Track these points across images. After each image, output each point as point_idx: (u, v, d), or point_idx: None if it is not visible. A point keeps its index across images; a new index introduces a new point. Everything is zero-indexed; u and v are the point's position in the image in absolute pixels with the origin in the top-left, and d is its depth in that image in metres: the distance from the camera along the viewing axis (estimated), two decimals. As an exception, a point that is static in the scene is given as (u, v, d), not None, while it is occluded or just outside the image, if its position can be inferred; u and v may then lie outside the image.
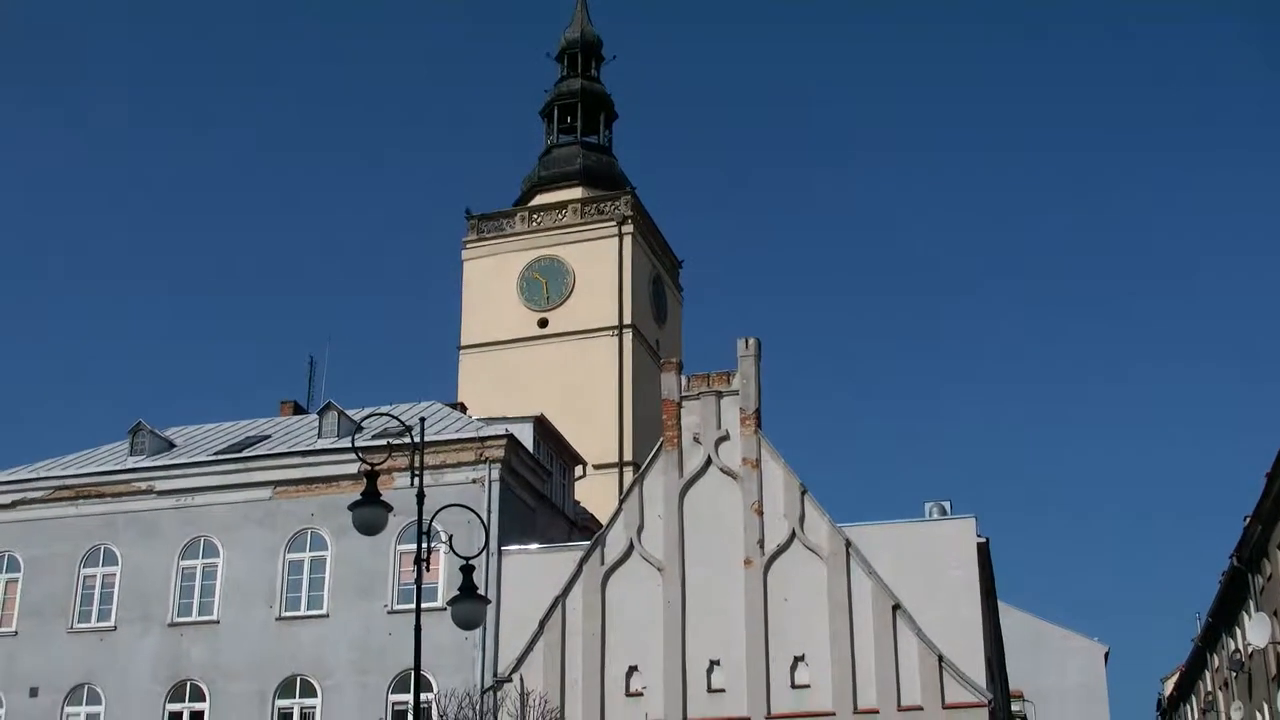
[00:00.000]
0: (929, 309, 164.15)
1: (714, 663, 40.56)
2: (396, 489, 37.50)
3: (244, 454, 47.15)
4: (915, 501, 75.96)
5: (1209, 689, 62.61)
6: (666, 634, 40.94)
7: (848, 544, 40.78)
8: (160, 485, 47.21)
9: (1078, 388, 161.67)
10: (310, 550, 44.81)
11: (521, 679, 39.72)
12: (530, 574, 42.51)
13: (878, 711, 39.46)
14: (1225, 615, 56.41)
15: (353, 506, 21.68)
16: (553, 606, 41.82)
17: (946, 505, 46.79)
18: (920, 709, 39.26)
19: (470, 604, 22.04)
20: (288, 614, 44.36)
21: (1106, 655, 70.93)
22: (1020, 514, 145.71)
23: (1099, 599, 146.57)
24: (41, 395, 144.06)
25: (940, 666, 39.35)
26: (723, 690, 40.35)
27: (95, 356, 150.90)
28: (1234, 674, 55.36)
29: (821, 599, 40.48)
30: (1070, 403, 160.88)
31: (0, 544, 48.47)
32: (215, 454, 47.80)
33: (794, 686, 40.06)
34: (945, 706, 39.18)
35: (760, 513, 41.46)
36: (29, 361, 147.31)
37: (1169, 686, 77.43)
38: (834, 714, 39.60)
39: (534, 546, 43.60)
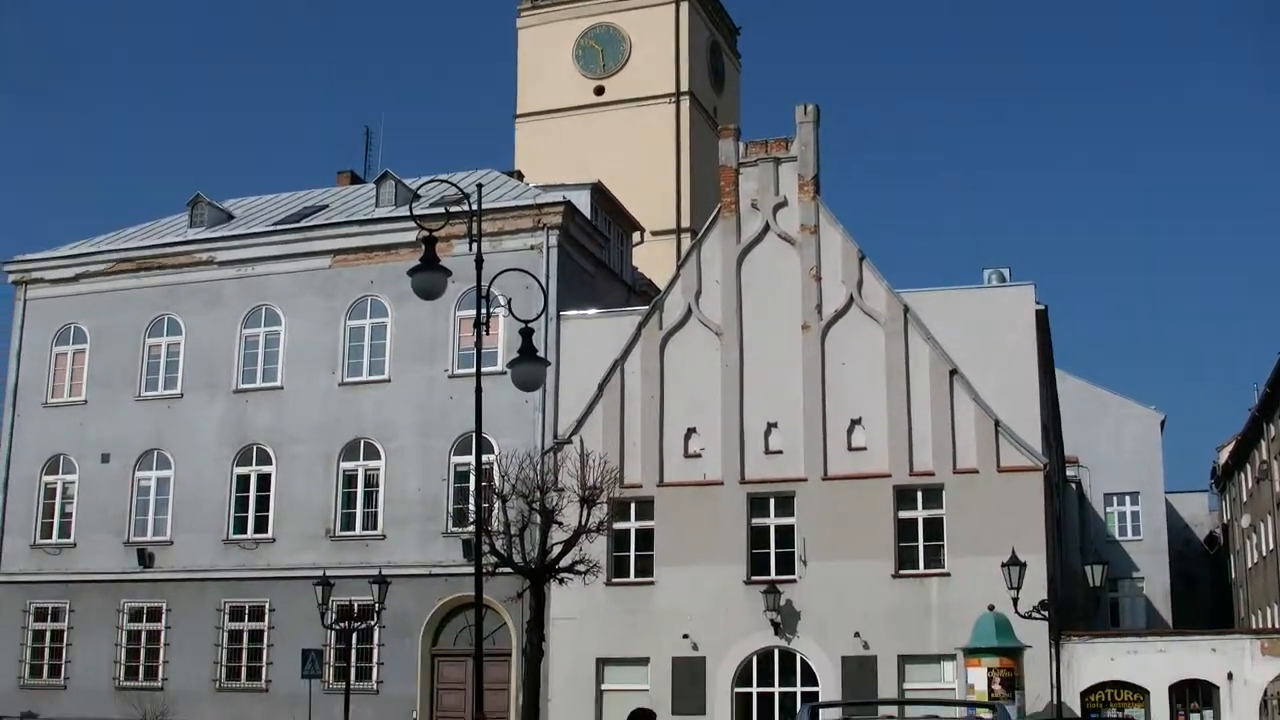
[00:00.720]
0: (990, 77, 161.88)
1: (771, 425, 40.97)
2: (455, 256, 37.56)
3: (303, 223, 47.38)
4: (974, 269, 75.74)
5: (1264, 458, 62.61)
6: (724, 397, 41.32)
7: (905, 310, 40.80)
8: (221, 256, 47.59)
9: (1142, 156, 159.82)
10: (370, 317, 45.23)
11: (581, 440, 40.25)
12: (588, 339, 42.86)
13: (933, 474, 39.87)
14: (1286, 386, 56.25)
15: (412, 272, 21.59)
16: (611, 370, 42.22)
17: (1005, 272, 46.58)
18: (975, 472, 39.63)
19: (530, 365, 22.12)
20: (350, 379, 45.01)
21: (1162, 423, 70.86)
22: (1080, 282, 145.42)
23: (1157, 368, 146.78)
24: (101, 170, 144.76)
25: (996, 431, 39.59)
26: (780, 452, 40.82)
27: (153, 130, 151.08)
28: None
29: (879, 363, 40.66)
30: (1132, 172, 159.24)
31: (66, 316, 49.24)
32: (274, 224, 48.07)
33: (850, 449, 40.46)
34: (1000, 470, 39.51)
35: (818, 278, 41.46)
36: (89, 138, 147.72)
37: (1224, 455, 77.51)
38: (889, 476, 40.04)
39: (592, 311, 43.85)
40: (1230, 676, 39.46)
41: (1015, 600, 35.26)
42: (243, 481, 45.61)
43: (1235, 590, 75.42)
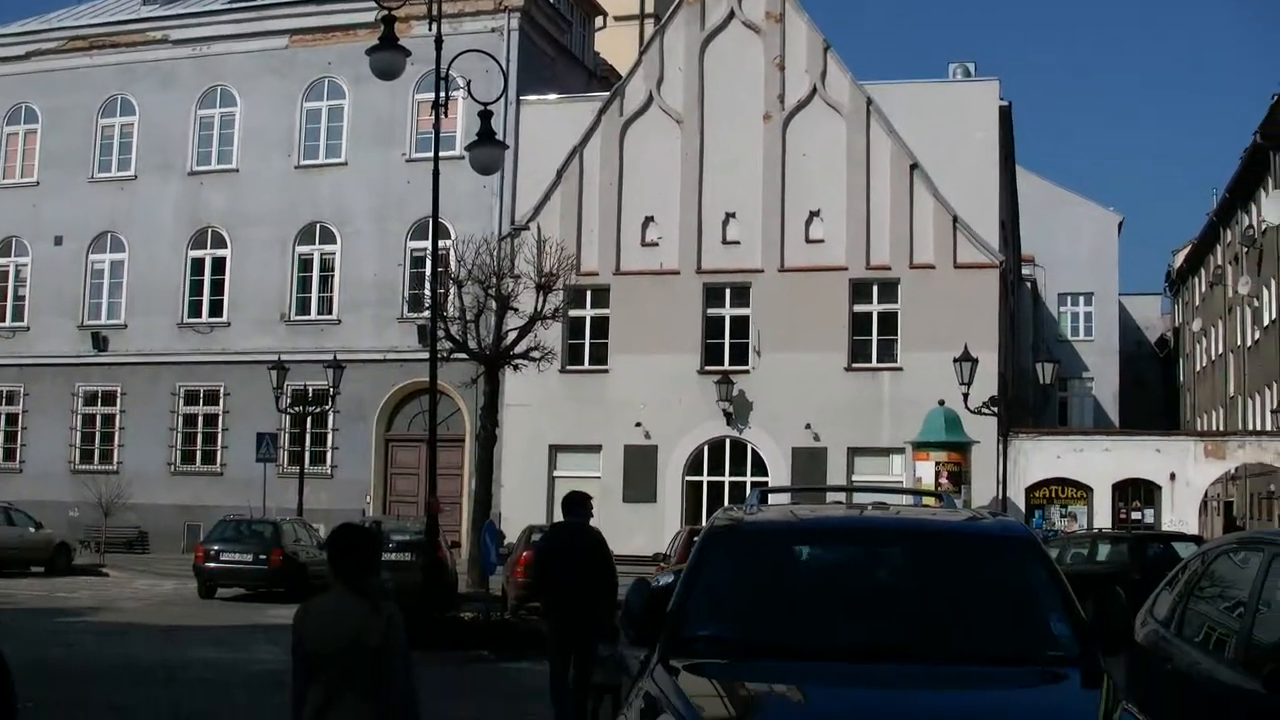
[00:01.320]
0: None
1: (729, 215, 40.83)
2: (414, 37, 36.73)
3: (259, 1, 46.39)
4: (940, 64, 75.13)
5: (1219, 263, 62.88)
6: (684, 186, 41.10)
7: (869, 101, 40.49)
8: (175, 34, 46.70)
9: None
10: (328, 99, 44.66)
11: (539, 226, 40.00)
12: (548, 124, 42.43)
13: (890, 268, 39.92)
14: (1243, 191, 56.21)
15: (370, 52, 21.40)
16: (570, 156, 41.90)
17: (971, 67, 46.32)
18: (932, 267, 39.71)
19: (488, 148, 21.92)
20: (306, 162, 44.56)
21: (1120, 225, 71.05)
22: (1044, 81, 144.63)
23: (1117, 169, 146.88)
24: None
25: (954, 227, 39.60)
26: (737, 242, 40.76)
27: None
28: (1245, 249, 55.53)
29: (839, 155, 40.43)
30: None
31: (17, 95, 48.42)
32: (230, 2, 47.04)
33: (808, 241, 40.43)
34: (957, 266, 39.61)
35: (781, 68, 41.03)
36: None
37: (1179, 258, 77.88)
38: (846, 269, 40.09)
39: (553, 96, 43.36)
40: (1173, 477, 40.02)
41: (966, 396, 35.55)
42: (197, 265, 45.36)
43: (1183, 393, 76.34)
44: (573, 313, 39.96)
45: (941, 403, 36.18)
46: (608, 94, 42.86)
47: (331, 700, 6.69)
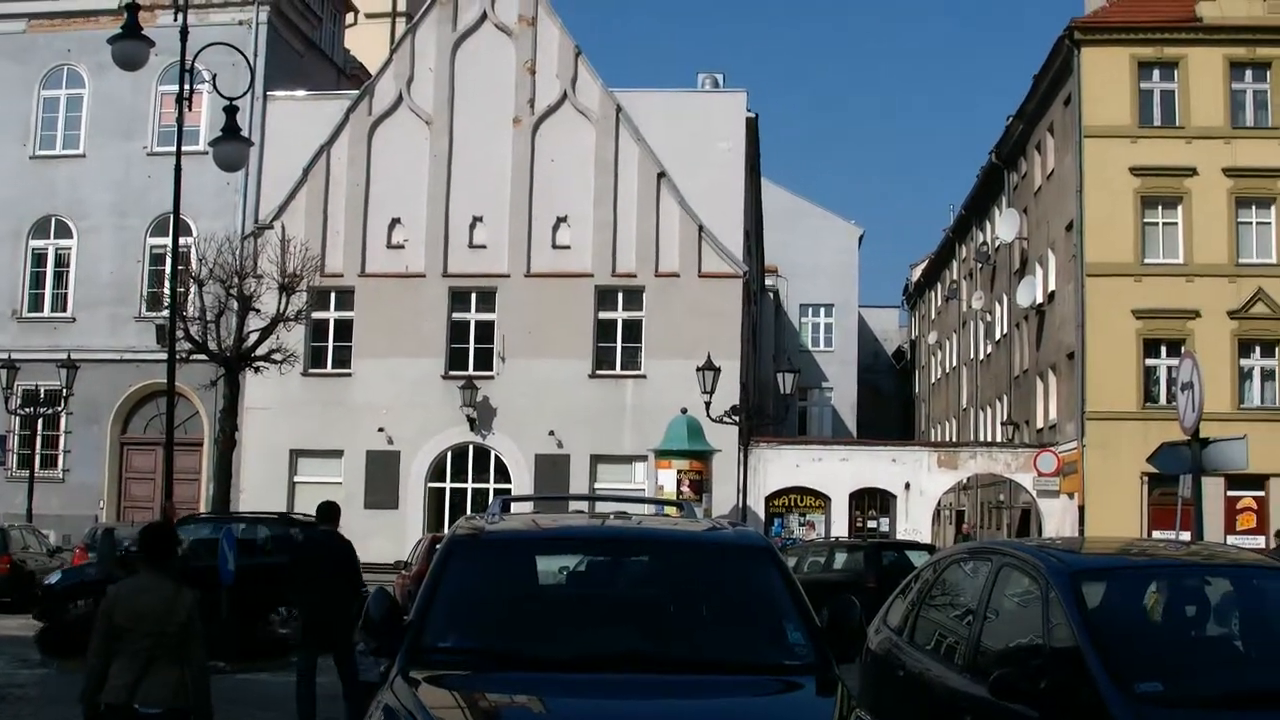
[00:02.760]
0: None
1: (477, 219, 40.68)
2: (159, 27, 35.85)
3: (-5, -18, 44.74)
4: (689, 74, 75.88)
5: (954, 277, 64.68)
6: (431, 188, 40.80)
7: (618, 109, 40.74)
8: (-97, 12, 44.73)
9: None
10: (67, 87, 43.19)
11: (283, 226, 39.35)
12: (296, 121, 41.71)
13: (635, 276, 40.22)
14: (978, 209, 57.99)
15: (112, 40, 20.82)
16: (317, 155, 41.29)
17: (719, 78, 46.78)
18: (677, 276, 40.12)
19: (233, 144, 21.47)
20: (42, 152, 43.02)
21: (861, 238, 72.59)
22: (792, 95, 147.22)
23: (859, 183, 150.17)
24: None
25: (700, 236, 40.04)
26: (484, 246, 40.62)
27: None
28: (979, 265, 57.25)
29: (588, 162, 40.61)
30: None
31: None
32: (-37, -19, 45.28)
33: (555, 247, 40.49)
34: (701, 275, 40.08)
35: (533, 72, 41.04)
36: None
37: (917, 272, 79.90)
38: (592, 275, 40.26)
39: (301, 93, 42.65)
40: (908, 486, 41.07)
41: (708, 404, 35.93)
42: (-78, 255, 43.50)
43: (918, 404, 78.40)
44: (316, 315, 39.41)
45: (684, 411, 36.51)
46: (357, 92, 42.36)
47: (146, 669, 7.80)
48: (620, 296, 40.47)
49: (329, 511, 14.98)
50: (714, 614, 7.43)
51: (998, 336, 53.94)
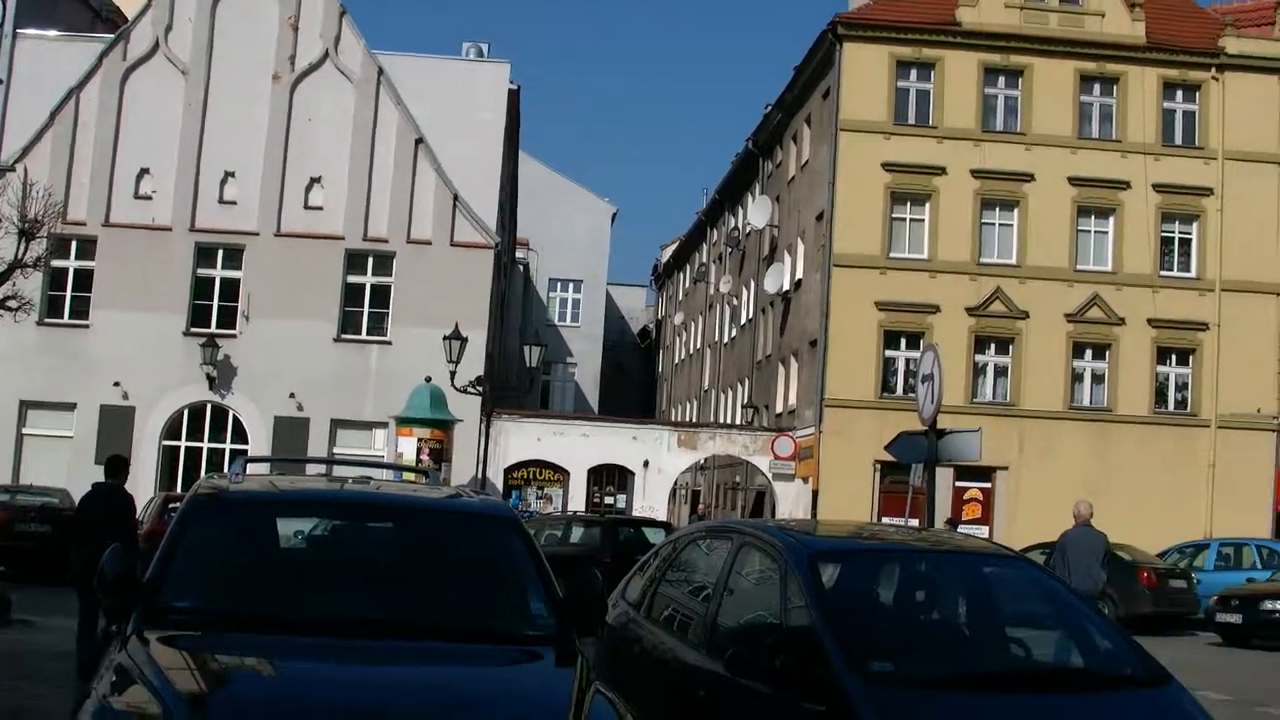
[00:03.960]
0: None
1: (229, 175, 39.81)
2: (-101, -49, 34.48)
3: None
4: (455, 41, 75.36)
5: (704, 260, 65.42)
6: (183, 140, 39.77)
7: (380, 71, 40.32)
8: None
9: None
10: None
11: (26, 169, 38.00)
12: (46, 62, 40.10)
13: (387, 241, 39.90)
14: (732, 194, 58.72)
15: None
16: (66, 98, 39.89)
17: (484, 48, 46.58)
18: (429, 243, 39.93)
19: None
20: None
21: (614, 216, 72.93)
22: (556, 71, 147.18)
23: (618, 164, 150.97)
24: None
25: (454, 205, 39.89)
26: (234, 203, 39.79)
27: None
28: (729, 249, 58.00)
29: (346, 123, 40.10)
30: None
31: None
32: None
33: (307, 207, 39.91)
34: (453, 244, 39.97)
35: (295, 28, 40.30)
36: None
37: (667, 253, 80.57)
38: (343, 238, 39.82)
39: (52, 33, 41.10)
40: (646, 464, 41.49)
41: (453, 374, 35.83)
42: None
43: (661, 384, 79.13)
44: (55, 263, 38.12)
45: (428, 379, 36.38)
46: (112, 36, 41.10)
47: None
48: (370, 261, 40.10)
49: (116, 465, 15.32)
50: (456, 582, 7.39)
51: (743, 321, 54.73)
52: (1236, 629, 26.38)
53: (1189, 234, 42.13)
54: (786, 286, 46.10)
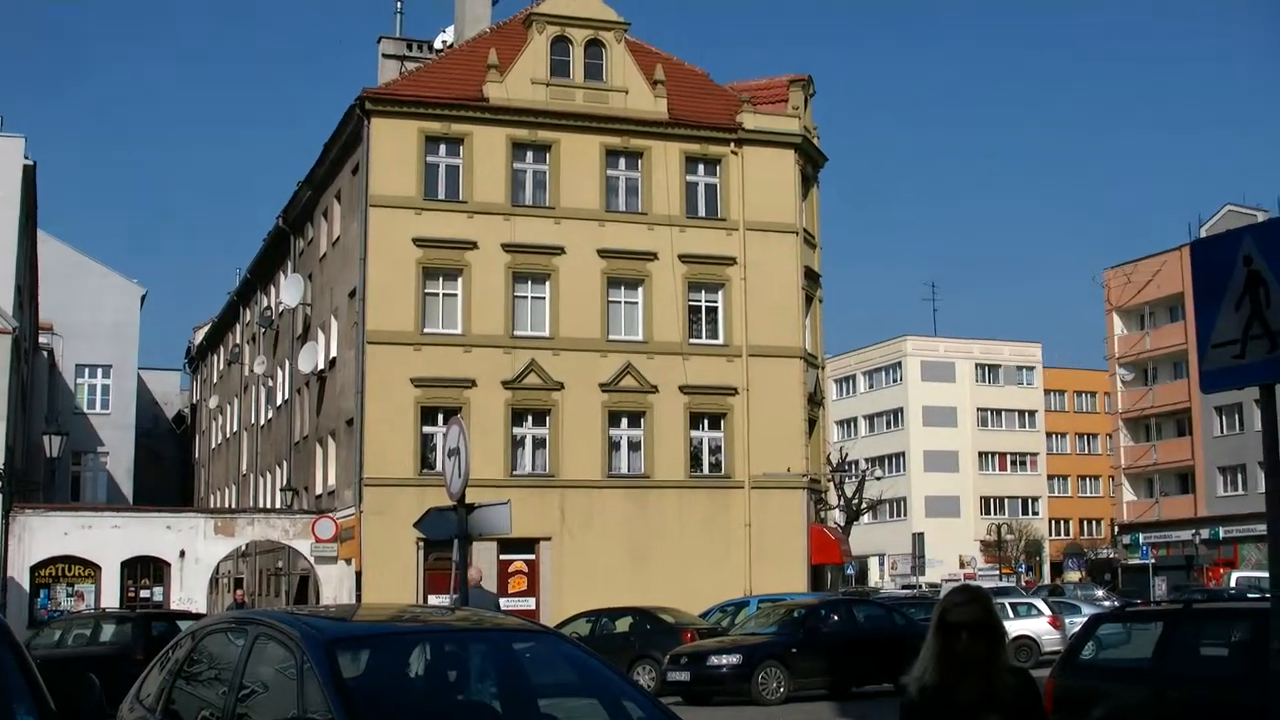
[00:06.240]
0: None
1: None
2: None
3: None
4: None
5: (238, 341, 64.16)
6: None
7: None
8: None
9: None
10: None
11: None
12: None
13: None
14: (263, 273, 57.72)
15: None
16: None
17: (-4, 119, 44.40)
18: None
19: None
20: None
21: (143, 298, 70.56)
22: (81, 143, 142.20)
23: (146, 243, 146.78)
24: None
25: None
26: None
27: None
28: (262, 330, 56.96)
29: None
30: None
31: None
32: None
33: None
34: None
35: None
36: None
37: (200, 335, 78.80)
38: None
39: None
40: (183, 554, 40.03)
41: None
42: None
43: (198, 470, 76.98)
44: None
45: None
46: None
47: None
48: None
49: None
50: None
51: (279, 402, 53.69)
52: (687, 687, 26.07)
53: (715, 302, 43.55)
54: (321, 365, 45.41)
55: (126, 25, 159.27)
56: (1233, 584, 49.96)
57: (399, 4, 53.41)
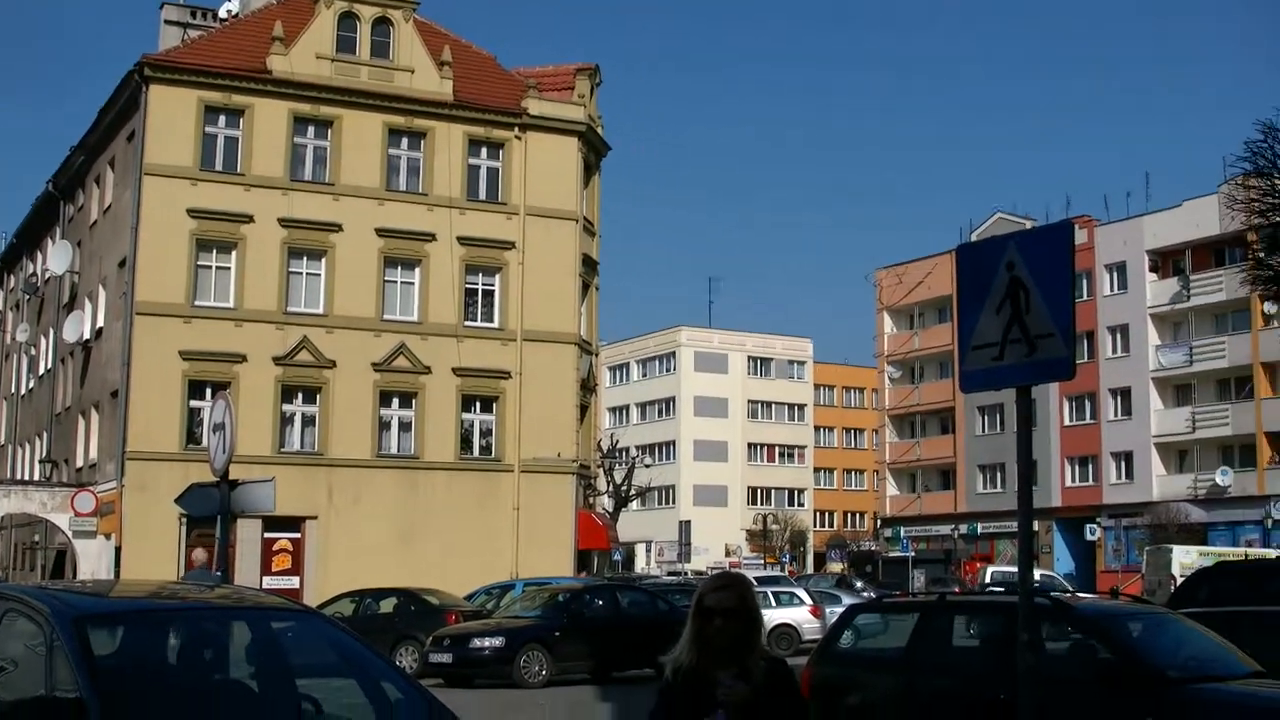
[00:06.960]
0: None
1: None
2: None
3: None
4: None
5: (1, 307, 62.46)
6: None
7: None
8: None
9: None
10: None
11: None
12: None
13: None
14: (31, 238, 56.19)
15: None
16: None
17: None
18: None
19: None
20: None
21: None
22: None
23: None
24: None
25: None
26: None
27: None
28: (27, 296, 55.53)
29: None
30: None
31: None
32: None
33: None
34: None
35: None
36: None
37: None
38: None
39: None
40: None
41: None
42: None
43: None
44: None
45: None
46: None
47: None
48: None
49: None
50: None
51: (41, 371, 52.34)
52: (450, 668, 26.02)
53: (492, 286, 43.57)
54: (87, 335, 44.36)
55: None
56: (988, 578, 51.40)
57: (183, -31, 52.36)
